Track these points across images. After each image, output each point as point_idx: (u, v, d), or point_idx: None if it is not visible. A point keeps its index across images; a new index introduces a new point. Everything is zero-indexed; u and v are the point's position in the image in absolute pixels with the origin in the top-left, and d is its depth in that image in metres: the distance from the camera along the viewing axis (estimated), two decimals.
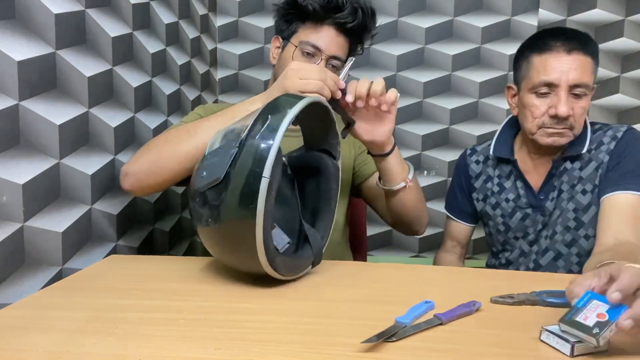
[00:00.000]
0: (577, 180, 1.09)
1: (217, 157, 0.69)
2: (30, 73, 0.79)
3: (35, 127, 0.80)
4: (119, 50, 1.06)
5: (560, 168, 1.11)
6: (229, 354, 0.53)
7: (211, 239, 0.73)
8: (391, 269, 0.90)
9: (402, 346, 0.56)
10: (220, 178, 0.67)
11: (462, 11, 1.74)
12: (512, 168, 1.18)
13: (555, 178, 1.11)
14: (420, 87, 1.78)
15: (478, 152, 1.26)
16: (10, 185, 0.76)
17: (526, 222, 1.15)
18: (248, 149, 0.66)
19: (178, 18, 1.40)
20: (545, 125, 1.05)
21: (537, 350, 0.56)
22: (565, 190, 1.10)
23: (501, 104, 1.76)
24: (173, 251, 1.40)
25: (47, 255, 0.84)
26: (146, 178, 0.89)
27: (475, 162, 1.25)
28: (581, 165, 1.09)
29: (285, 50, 1.12)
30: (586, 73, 1.02)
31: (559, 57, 1.02)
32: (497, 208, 1.20)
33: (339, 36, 1.10)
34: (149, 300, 0.70)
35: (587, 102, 1.04)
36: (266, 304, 0.69)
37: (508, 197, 1.18)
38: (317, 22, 1.09)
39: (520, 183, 1.16)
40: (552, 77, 1.02)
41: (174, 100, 1.38)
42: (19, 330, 0.59)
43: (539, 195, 1.13)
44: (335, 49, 1.09)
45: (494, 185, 1.21)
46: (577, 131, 1.05)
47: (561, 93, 1.02)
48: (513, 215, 1.17)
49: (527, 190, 1.14)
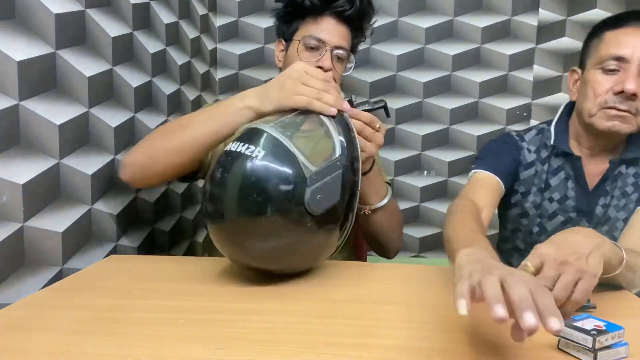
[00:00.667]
0: (633, 189, 1.00)
1: (326, 181, 0.72)
2: (30, 73, 0.79)
3: (35, 127, 0.80)
4: (119, 50, 1.06)
5: (616, 172, 1.01)
6: (229, 354, 0.53)
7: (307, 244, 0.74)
8: (391, 269, 0.89)
9: (402, 346, 0.56)
10: (337, 201, 0.74)
11: (462, 11, 1.74)
12: (564, 164, 1.05)
13: (609, 182, 1.02)
14: (420, 87, 1.78)
15: (526, 140, 1.09)
16: (10, 185, 0.76)
17: (566, 227, 1.00)
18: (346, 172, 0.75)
19: (178, 18, 1.40)
20: (608, 105, 0.93)
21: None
22: (616, 196, 1.02)
23: (501, 104, 1.76)
24: (173, 251, 1.40)
25: (47, 255, 0.84)
26: (141, 169, 0.90)
27: (528, 150, 1.08)
28: (636, 172, 1.01)
29: (290, 48, 1.14)
30: None
31: (634, 32, 0.93)
32: (537, 207, 1.07)
33: (340, 25, 1.11)
34: (149, 300, 0.70)
35: None
36: (266, 304, 0.69)
37: (553, 196, 1.06)
38: (316, 15, 1.11)
39: (572, 183, 1.04)
40: (623, 52, 0.92)
41: (174, 100, 1.38)
42: (19, 330, 0.59)
43: (591, 199, 1.02)
44: (338, 39, 1.11)
45: (540, 181, 1.06)
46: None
47: (632, 69, 0.91)
48: (554, 217, 1.06)
49: (578, 192, 1.03)
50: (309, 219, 0.71)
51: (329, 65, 1.09)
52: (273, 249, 0.71)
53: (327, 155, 0.74)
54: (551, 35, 1.72)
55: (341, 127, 0.79)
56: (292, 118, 0.78)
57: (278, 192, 0.68)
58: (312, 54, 1.10)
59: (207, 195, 0.73)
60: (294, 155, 0.70)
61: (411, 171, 1.79)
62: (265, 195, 0.68)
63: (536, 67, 1.74)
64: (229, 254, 0.75)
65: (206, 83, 1.69)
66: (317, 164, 0.72)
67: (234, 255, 0.75)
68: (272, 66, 1.79)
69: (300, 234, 0.71)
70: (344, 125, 0.80)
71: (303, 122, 0.78)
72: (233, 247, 0.73)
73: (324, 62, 1.09)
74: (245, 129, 0.76)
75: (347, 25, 1.12)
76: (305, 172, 0.70)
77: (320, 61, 1.10)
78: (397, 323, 0.64)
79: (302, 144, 0.72)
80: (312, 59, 1.10)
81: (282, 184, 0.68)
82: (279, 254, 0.72)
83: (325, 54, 1.10)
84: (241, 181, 0.69)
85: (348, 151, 0.77)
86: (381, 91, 1.77)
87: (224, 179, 0.70)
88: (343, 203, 0.76)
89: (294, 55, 1.11)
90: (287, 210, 0.69)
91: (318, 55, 1.10)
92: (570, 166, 1.04)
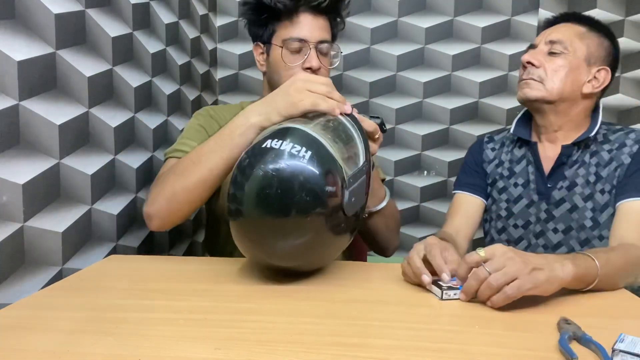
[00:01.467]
0: (595, 178, 1.07)
1: (358, 184, 0.76)
2: (30, 73, 0.79)
3: (35, 127, 0.80)
4: (119, 50, 1.06)
5: (573, 157, 1.09)
6: (229, 354, 0.53)
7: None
8: (391, 269, 0.89)
9: (402, 346, 0.56)
10: (363, 203, 0.80)
11: (462, 11, 1.74)
12: (526, 152, 1.17)
13: (566, 167, 1.10)
14: (420, 87, 1.78)
15: (495, 140, 1.25)
16: (10, 185, 0.76)
17: (530, 210, 1.13)
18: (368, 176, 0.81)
19: (178, 18, 1.40)
20: (520, 78, 1.11)
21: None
22: (580, 184, 1.08)
23: (501, 104, 1.76)
24: (173, 251, 1.40)
25: (47, 255, 0.84)
26: (169, 216, 0.90)
27: (491, 149, 1.24)
28: (598, 162, 1.08)
29: (272, 53, 1.09)
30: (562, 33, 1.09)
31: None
32: (503, 192, 1.18)
33: (317, 19, 1.07)
34: (149, 300, 0.70)
35: (563, 61, 1.07)
36: (266, 304, 0.69)
37: (517, 181, 1.16)
38: (291, 14, 1.06)
39: (532, 168, 1.14)
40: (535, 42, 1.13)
41: (174, 100, 1.38)
42: (19, 330, 0.59)
43: (548, 182, 1.11)
44: (319, 33, 1.07)
45: (504, 169, 1.19)
46: (549, 86, 1.06)
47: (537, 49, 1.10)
48: (518, 201, 1.15)
49: (537, 175, 1.13)
50: (343, 219, 0.73)
51: (317, 63, 1.06)
52: (302, 247, 0.72)
53: (354, 159, 0.77)
54: None
55: (360, 133, 0.83)
56: (325, 121, 0.79)
57: (324, 193, 0.69)
58: (296, 56, 1.06)
59: (243, 190, 0.70)
60: (335, 158, 0.72)
61: (411, 171, 1.79)
62: (313, 195, 0.68)
63: None
64: (257, 250, 0.74)
65: (206, 83, 1.69)
66: (350, 167, 0.75)
67: (262, 253, 0.74)
68: None
69: (332, 234, 0.74)
70: (361, 131, 0.83)
71: (330, 126, 0.79)
72: (263, 244, 0.72)
73: (311, 62, 1.05)
74: (283, 127, 0.75)
75: (324, 16, 1.08)
76: (345, 175, 0.72)
77: (307, 61, 1.05)
78: (397, 323, 0.64)
79: (337, 147, 0.74)
80: (298, 61, 1.06)
81: (329, 186, 0.70)
82: (307, 252, 0.73)
83: (310, 53, 1.05)
84: (289, 179, 0.68)
85: (367, 156, 0.81)
86: (381, 91, 1.77)
87: (268, 175, 0.68)
88: (365, 205, 0.81)
89: (278, 61, 1.07)
90: (329, 211, 0.70)
91: (303, 56, 1.06)
92: (531, 152, 1.16)
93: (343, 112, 0.83)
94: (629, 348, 0.54)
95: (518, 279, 0.66)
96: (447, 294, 0.71)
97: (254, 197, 0.69)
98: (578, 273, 0.72)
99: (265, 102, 0.85)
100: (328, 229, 0.72)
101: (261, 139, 0.74)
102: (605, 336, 0.57)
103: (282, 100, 0.82)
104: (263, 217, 0.69)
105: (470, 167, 1.26)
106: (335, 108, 0.81)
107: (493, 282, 0.66)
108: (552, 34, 1.10)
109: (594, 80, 1.08)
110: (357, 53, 1.77)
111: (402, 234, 1.83)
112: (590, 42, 1.08)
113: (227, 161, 0.85)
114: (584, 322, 0.65)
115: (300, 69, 1.05)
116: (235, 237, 0.74)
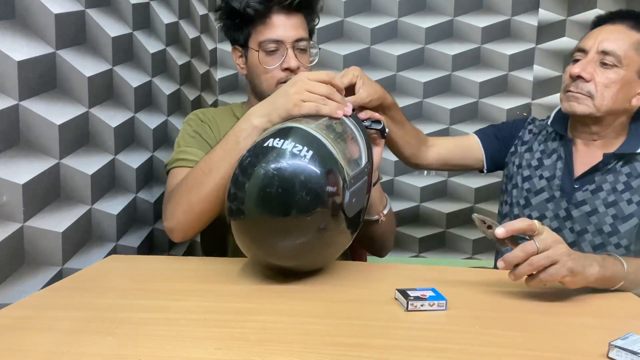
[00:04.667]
0: (624, 187, 1.05)
1: (359, 185, 0.76)
2: (30, 73, 0.79)
3: (35, 127, 0.80)
4: (119, 50, 1.06)
5: (609, 165, 1.07)
6: (229, 354, 0.53)
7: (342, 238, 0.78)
8: (391, 269, 0.90)
9: (402, 346, 0.56)
10: (364, 205, 0.80)
11: (462, 11, 1.74)
12: (558, 147, 1.14)
13: (599, 173, 1.07)
14: (420, 87, 1.78)
15: (536, 124, 1.23)
16: (10, 185, 0.76)
17: (549, 205, 1.12)
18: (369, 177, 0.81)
19: (178, 18, 1.40)
20: (567, 89, 1.06)
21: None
22: (606, 190, 1.06)
23: (501, 103, 1.76)
24: (173, 251, 1.40)
25: (47, 255, 0.84)
26: (190, 227, 0.91)
27: (529, 131, 1.22)
28: (630, 172, 1.06)
29: (250, 57, 1.07)
30: (615, 42, 1.01)
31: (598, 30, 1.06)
32: (526, 181, 1.16)
33: (291, 17, 1.04)
34: (149, 300, 0.70)
35: (616, 75, 1.01)
36: (266, 304, 0.69)
37: (543, 174, 1.14)
38: (264, 16, 1.03)
39: (561, 165, 1.12)
40: (582, 44, 1.06)
41: (174, 100, 1.38)
42: (19, 330, 0.59)
43: (575, 183, 1.09)
44: (295, 32, 1.04)
45: (533, 159, 1.17)
46: (598, 102, 1.02)
47: (588, 57, 1.04)
48: (539, 193, 1.14)
49: (565, 173, 1.11)
50: (343, 219, 0.73)
51: (295, 63, 1.03)
52: (302, 247, 0.72)
53: (356, 160, 0.77)
54: (551, 35, 1.72)
55: (363, 134, 0.83)
56: (327, 121, 0.79)
57: (325, 192, 0.69)
58: (274, 57, 1.04)
59: (244, 189, 0.70)
60: (336, 159, 0.72)
61: (411, 171, 1.79)
62: (314, 194, 0.68)
63: (536, 67, 1.74)
64: (257, 249, 0.74)
65: (206, 83, 1.69)
66: (352, 167, 0.75)
67: (263, 252, 0.74)
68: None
69: (333, 234, 0.73)
70: (363, 132, 0.83)
71: (333, 126, 0.79)
72: (263, 243, 0.72)
73: (289, 63, 1.03)
74: (285, 127, 0.75)
75: (298, 13, 1.05)
76: (346, 175, 0.72)
77: (285, 62, 1.03)
78: (398, 323, 0.64)
79: (339, 147, 0.74)
80: (276, 62, 1.04)
81: (329, 185, 0.69)
82: (308, 251, 0.73)
83: (287, 54, 1.03)
84: (290, 179, 0.68)
85: (369, 157, 0.81)
86: None
87: (269, 174, 0.68)
88: (366, 206, 0.81)
89: (257, 64, 1.04)
90: (330, 211, 0.70)
91: (280, 57, 1.03)
92: (564, 148, 1.13)
93: (345, 114, 0.82)
94: (628, 345, 0.54)
95: (555, 264, 0.69)
96: (413, 305, 0.67)
97: (254, 196, 0.69)
98: (604, 275, 0.75)
99: (267, 103, 0.86)
100: (328, 228, 0.72)
101: (263, 138, 0.74)
102: (606, 336, 0.57)
103: (283, 102, 0.82)
104: (263, 216, 0.69)
105: (501, 132, 1.26)
106: (336, 110, 0.81)
107: (535, 262, 0.69)
108: (605, 43, 1.02)
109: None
110: (357, 53, 1.77)
111: (402, 234, 1.83)
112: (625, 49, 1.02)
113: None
114: (584, 322, 0.65)
115: (280, 70, 1.04)
116: (236, 236, 0.73)
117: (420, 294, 0.69)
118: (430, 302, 0.68)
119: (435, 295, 0.69)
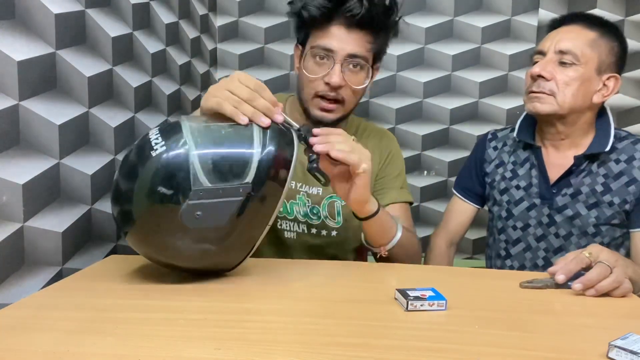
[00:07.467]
0: (603, 189, 1.07)
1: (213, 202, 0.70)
2: (30, 73, 0.79)
3: (35, 127, 0.80)
4: (119, 50, 1.06)
5: (582, 167, 1.08)
6: (229, 354, 0.53)
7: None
8: (391, 269, 0.90)
9: (402, 346, 0.56)
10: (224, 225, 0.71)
11: (462, 11, 1.74)
12: (529, 155, 1.16)
13: (573, 176, 1.09)
14: (420, 87, 1.78)
15: (498, 138, 1.25)
16: (10, 185, 0.76)
17: (530, 213, 1.13)
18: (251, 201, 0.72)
19: (178, 18, 1.40)
20: (529, 89, 1.07)
21: None
22: (585, 193, 1.07)
23: (501, 104, 1.76)
24: None
25: (47, 255, 0.84)
26: None
27: (493, 148, 1.24)
28: (607, 173, 1.07)
29: (302, 59, 1.04)
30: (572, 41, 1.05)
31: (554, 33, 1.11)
32: (504, 193, 1.18)
33: (352, 32, 0.97)
34: (149, 300, 0.70)
35: (575, 73, 1.03)
36: (266, 304, 0.69)
37: (519, 184, 1.16)
38: (324, 22, 0.98)
39: (536, 172, 1.13)
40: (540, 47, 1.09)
41: (174, 100, 1.38)
42: (19, 330, 0.59)
43: (552, 188, 1.11)
44: (351, 47, 0.97)
45: (506, 171, 1.19)
46: (560, 100, 1.04)
47: (546, 58, 1.06)
48: (519, 203, 1.15)
49: (540, 180, 1.12)
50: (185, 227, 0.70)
51: (338, 80, 0.97)
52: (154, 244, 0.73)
53: (236, 176, 0.70)
54: None
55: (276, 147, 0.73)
56: (223, 126, 0.74)
57: (156, 193, 0.69)
58: (322, 67, 0.98)
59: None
60: (189, 164, 0.69)
61: (411, 171, 1.79)
62: (147, 191, 0.70)
63: None
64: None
65: (206, 83, 1.69)
66: (215, 182, 0.70)
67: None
68: (271, 66, 1.79)
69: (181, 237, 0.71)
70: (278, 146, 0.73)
71: (230, 134, 0.73)
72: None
73: (331, 77, 0.97)
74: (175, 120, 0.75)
75: (361, 30, 0.97)
76: (193, 185, 0.68)
77: (328, 76, 0.97)
78: (398, 323, 0.64)
79: (210, 155, 0.70)
80: (320, 73, 0.99)
81: (163, 186, 0.69)
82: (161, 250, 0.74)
83: (334, 67, 0.97)
84: (139, 171, 0.71)
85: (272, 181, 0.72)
86: (381, 91, 1.77)
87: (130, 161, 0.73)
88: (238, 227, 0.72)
89: (304, 69, 1.01)
90: (162, 212, 0.70)
91: (327, 69, 0.98)
92: (535, 156, 1.15)
93: (257, 123, 0.74)
94: (628, 345, 0.54)
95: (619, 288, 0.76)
96: (413, 305, 0.67)
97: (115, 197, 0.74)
98: (633, 279, 0.79)
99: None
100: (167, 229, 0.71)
101: None
102: (606, 336, 0.57)
103: (206, 94, 0.78)
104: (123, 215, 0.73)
105: (470, 166, 1.28)
106: (240, 116, 0.73)
107: (601, 289, 0.74)
108: (562, 43, 1.05)
109: (604, 88, 1.07)
110: None
111: None
112: (601, 50, 1.05)
113: None
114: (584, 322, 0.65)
115: (322, 82, 0.99)
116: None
117: (420, 294, 0.69)
118: (430, 302, 0.68)
119: (435, 295, 0.69)
